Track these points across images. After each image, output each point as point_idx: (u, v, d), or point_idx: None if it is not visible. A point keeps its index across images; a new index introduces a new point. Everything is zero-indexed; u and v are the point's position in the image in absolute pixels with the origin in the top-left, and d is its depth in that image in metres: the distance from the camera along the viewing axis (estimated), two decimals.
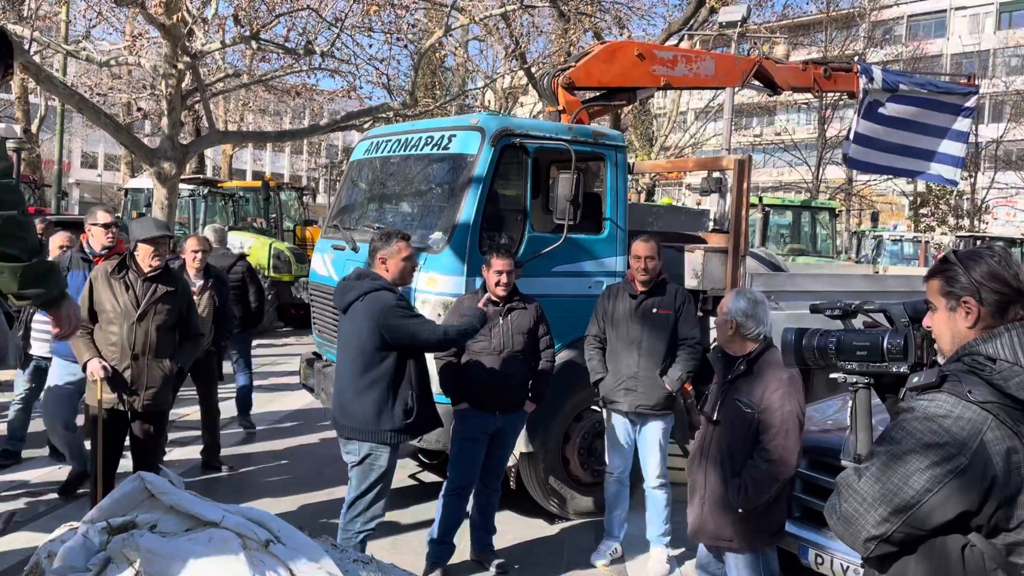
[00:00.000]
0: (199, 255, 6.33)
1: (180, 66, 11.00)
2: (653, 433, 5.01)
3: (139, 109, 17.80)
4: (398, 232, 4.25)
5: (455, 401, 4.81)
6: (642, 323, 4.96)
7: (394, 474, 4.16)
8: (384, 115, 14.10)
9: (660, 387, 4.93)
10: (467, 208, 5.30)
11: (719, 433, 3.59)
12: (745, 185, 6.05)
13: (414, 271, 4.28)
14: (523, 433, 5.21)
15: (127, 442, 4.87)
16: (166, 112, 11.31)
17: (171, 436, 6.93)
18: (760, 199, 16.41)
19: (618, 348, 5.03)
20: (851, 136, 8.39)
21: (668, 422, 5.07)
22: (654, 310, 4.96)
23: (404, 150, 6.03)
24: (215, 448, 6.57)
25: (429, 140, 5.78)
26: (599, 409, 5.85)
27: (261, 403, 8.83)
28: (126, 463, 4.93)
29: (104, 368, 4.58)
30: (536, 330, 4.83)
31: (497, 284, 4.69)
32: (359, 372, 4.12)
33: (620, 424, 5.08)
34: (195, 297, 6.15)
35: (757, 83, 8.02)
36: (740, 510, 3.48)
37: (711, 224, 7.85)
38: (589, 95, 7.32)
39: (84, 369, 4.65)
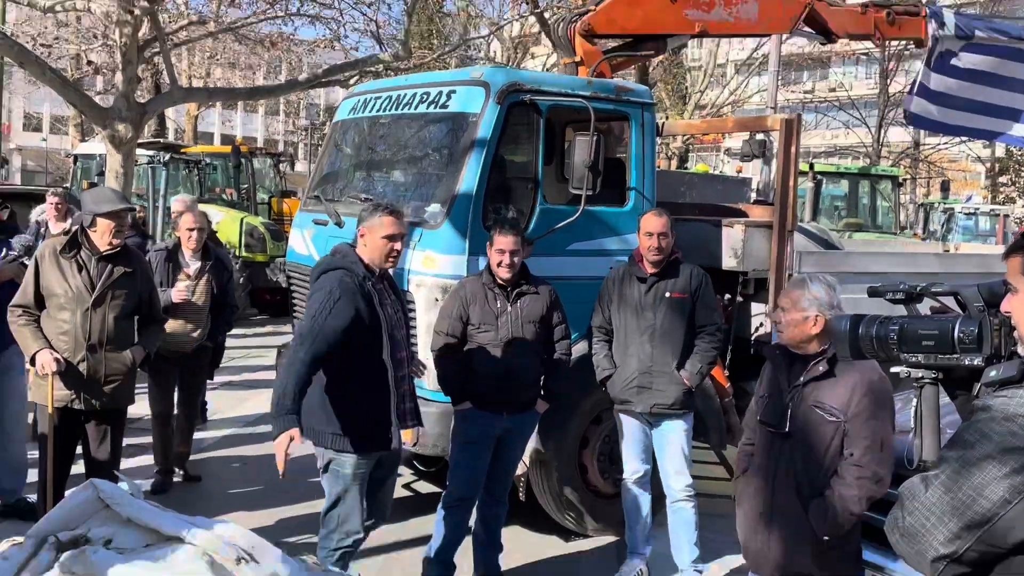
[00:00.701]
0: (195, 233, 6.30)
1: (136, 12, 10.99)
2: (672, 436, 5.03)
3: (90, 63, 17.80)
4: (387, 205, 4.22)
5: (455, 399, 4.83)
6: (654, 310, 4.97)
7: (365, 483, 4.14)
8: (373, 69, 14.06)
9: (677, 382, 4.95)
10: (469, 176, 5.29)
11: (791, 446, 3.42)
12: (793, 149, 6.02)
13: (394, 256, 4.12)
14: (534, 436, 5.23)
15: (80, 446, 4.91)
16: (121, 66, 11.33)
17: (130, 440, 6.98)
18: (811, 166, 16.32)
19: (627, 340, 5.04)
20: (916, 90, 8.32)
21: (689, 422, 5.08)
22: (667, 294, 4.97)
23: (396, 109, 6.02)
24: (185, 456, 6.63)
25: (425, 97, 5.77)
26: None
27: (232, 403, 8.89)
28: (78, 469, 4.97)
29: (56, 361, 4.60)
30: (549, 318, 4.84)
31: (500, 265, 4.68)
32: None
33: (634, 427, 5.10)
34: (190, 282, 6.19)
35: (808, 30, 7.95)
36: (825, 537, 3.34)
37: (753, 195, 7.82)
38: (612, 44, 7.28)
39: (32, 362, 4.68)
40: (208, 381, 7.17)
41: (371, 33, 15.36)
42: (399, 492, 6.48)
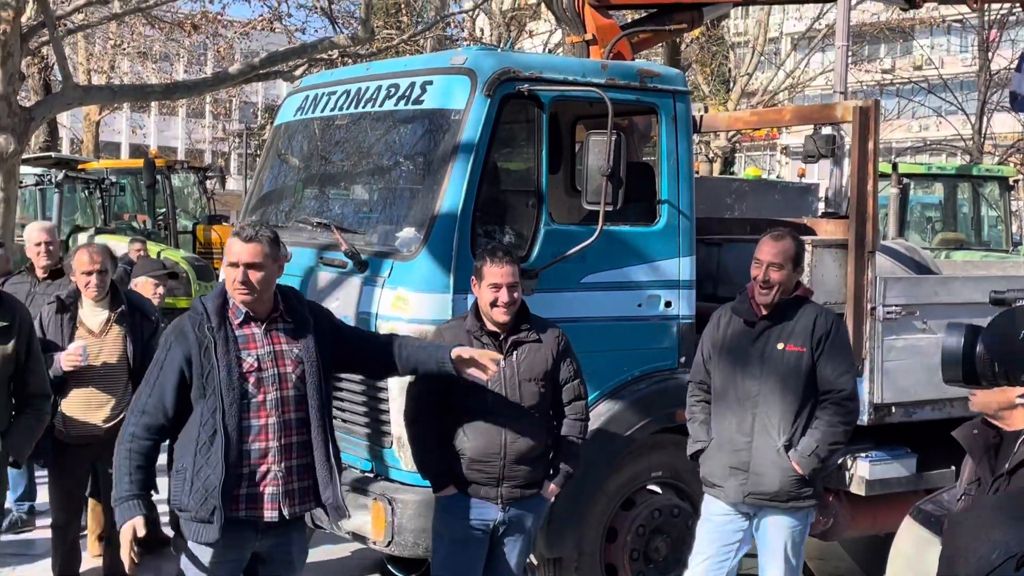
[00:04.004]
0: (95, 276, 6.15)
1: None
2: (775, 537, 4.94)
3: None
4: (258, 226, 4.25)
5: (435, 484, 4.79)
6: (760, 365, 4.89)
7: None
8: (325, 56, 14.16)
9: (785, 467, 4.84)
10: (452, 191, 5.30)
11: None
12: (871, 146, 6.04)
13: (242, 288, 4.09)
14: (543, 529, 5.18)
15: None
16: None
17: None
18: (894, 166, 16.37)
19: (723, 403, 4.98)
20: None
21: (802, 520, 4.95)
22: (779, 345, 4.88)
23: (356, 107, 6.05)
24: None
25: (393, 91, 5.80)
26: (659, 490, 5.83)
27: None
28: None
29: None
30: (556, 373, 4.81)
31: (496, 305, 4.65)
32: None
33: (719, 517, 5.02)
34: (90, 340, 6.04)
35: None
36: None
37: (821, 205, 7.82)
38: (632, 16, 7.33)
39: None
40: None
41: (321, 10, 15.51)
42: None
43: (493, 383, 4.64)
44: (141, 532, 3.93)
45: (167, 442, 4.20)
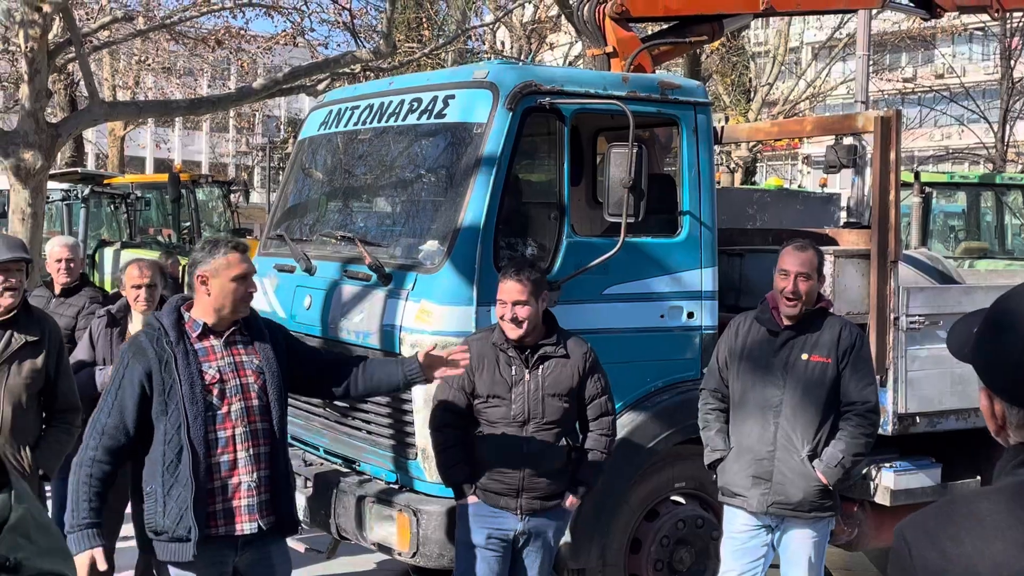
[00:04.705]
0: (144, 290, 6.18)
1: (46, 8, 11.21)
2: (798, 547, 4.92)
3: None
4: (228, 239, 4.25)
5: (458, 492, 4.81)
6: (784, 375, 4.89)
7: None
8: (348, 70, 14.23)
9: (809, 477, 4.83)
10: (475, 204, 5.33)
11: None
12: (893, 155, 6.03)
13: (248, 298, 4.18)
14: (567, 540, 5.19)
15: None
16: (26, 77, 11.52)
17: None
18: (916, 175, 16.29)
19: (745, 413, 4.96)
20: None
21: (824, 531, 4.95)
22: (804, 356, 4.87)
23: (379, 121, 6.09)
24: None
25: (415, 105, 5.83)
26: (683, 501, 5.83)
27: None
28: None
29: None
30: (582, 390, 4.80)
31: (503, 319, 4.67)
32: None
33: (743, 529, 5.01)
34: None
35: (906, 2, 8.01)
36: None
37: (843, 215, 7.80)
38: (652, 29, 7.35)
39: None
40: None
41: (344, 24, 15.59)
42: None
43: (517, 395, 4.66)
44: (103, 565, 3.85)
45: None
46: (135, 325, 6.07)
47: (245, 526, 4.07)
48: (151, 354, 3.98)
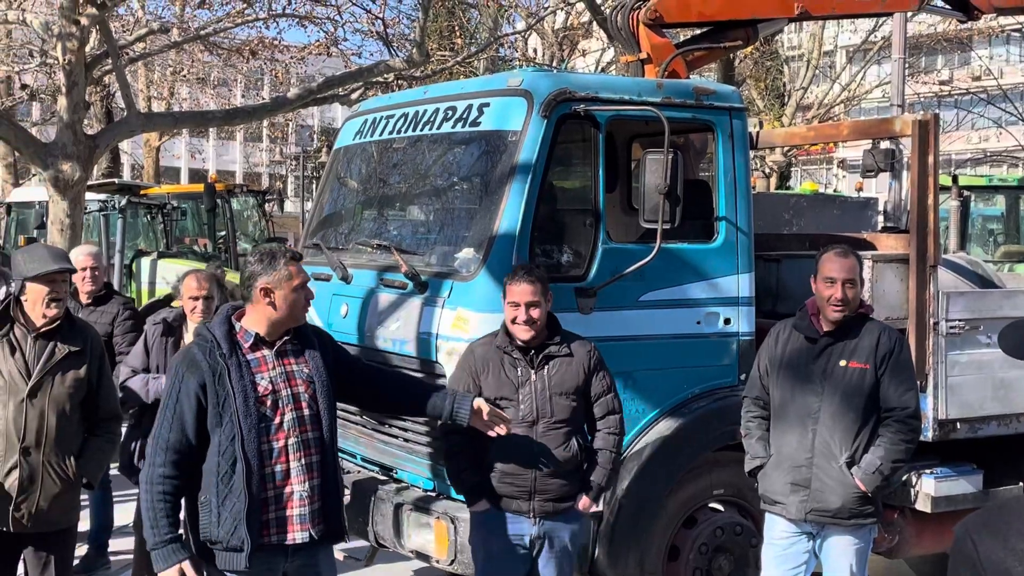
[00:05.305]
0: (201, 302, 6.20)
1: (83, 21, 11.33)
2: (839, 556, 4.88)
3: (24, 87, 18.33)
4: (284, 250, 4.28)
5: (469, 498, 4.82)
6: (822, 382, 4.86)
7: None
8: (381, 79, 14.30)
9: (847, 484, 4.79)
10: (510, 211, 5.34)
11: None
12: (931, 159, 5.99)
13: (307, 306, 4.25)
14: (603, 547, 5.17)
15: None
16: (64, 89, 11.63)
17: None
18: (954, 179, 16.18)
19: (784, 420, 4.94)
20: None
21: (865, 539, 4.91)
22: (842, 362, 4.84)
23: (413, 129, 6.12)
24: None
25: (450, 113, 5.86)
26: (721, 508, 5.80)
27: None
28: None
29: None
30: (588, 388, 4.80)
31: (516, 322, 4.67)
32: None
33: (786, 535, 4.97)
34: None
35: (942, 5, 7.95)
36: None
37: (881, 220, 7.75)
38: (686, 34, 7.33)
39: None
40: None
41: (377, 34, 15.66)
42: None
43: (524, 396, 4.68)
44: (193, 574, 3.93)
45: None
46: (189, 334, 6.14)
47: (297, 535, 4.11)
48: (204, 367, 4.02)
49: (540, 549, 4.77)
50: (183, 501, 4.14)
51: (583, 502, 4.80)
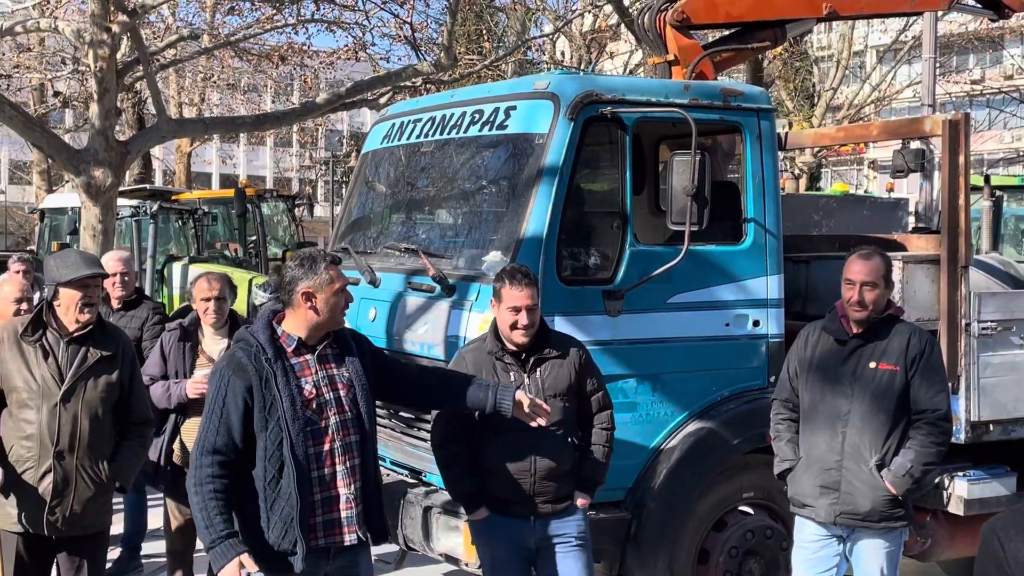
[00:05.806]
0: (212, 304, 6.26)
1: (114, 28, 11.43)
2: (870, 559, 4.85)
3: (57, 94, 18.53)
4: (323, 254, 4.29)
5: (468, 507, 4.81)
6: (852, 384, 4.83)
7: None
8: (409, 83, 14.34)
9: (877, 487, 4.76)
10: (538, 214, 5.34)
11: None
12: (962, 159, 5.94)
13: (347, 309, 4.27)
14: (632, 550, 5.15)
15: None
16: (96, 96, 11.74)
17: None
18: (986, 179, 16.02)
19: (813, 422, 4.92)
20: None
21: (896, 542, 4.87)
22: (872, 364, 4.81)
23: (441, 133, 6.13)
24: None
25: (477, 117, 5.86)
26: (751, 511, 5.78)
27: None
28: None
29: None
30: (581, 387, 4.80)
31: (515, 327, 4.65)
32: None
33: (817, 538, 4.94)
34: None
35: (972, 3, 7.89)
36: None
37: (912, 220, 7.70)
38: (713, 35, 7.31)
39: None
40: None
41: (405, 38, 15.71)
42: None
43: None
44: (252, 567, 3.94)
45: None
46: (206, 338, 6.16)
47: (347, 537, 4.16)
48: (251, 370, 4.05)
49: (546, 551, 4.77)
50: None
51: (580, 500, 4.82)
